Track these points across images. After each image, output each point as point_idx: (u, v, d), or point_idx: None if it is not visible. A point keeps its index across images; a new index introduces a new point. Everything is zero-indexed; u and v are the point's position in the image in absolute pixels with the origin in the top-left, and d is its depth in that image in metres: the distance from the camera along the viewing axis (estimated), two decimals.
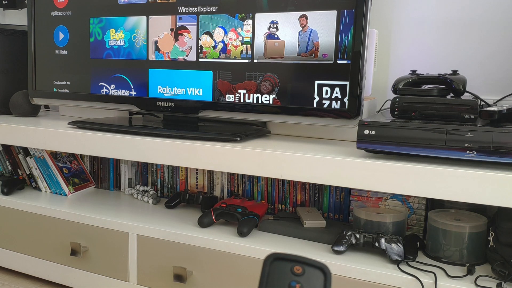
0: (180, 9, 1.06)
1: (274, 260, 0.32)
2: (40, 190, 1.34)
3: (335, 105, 0.93)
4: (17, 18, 1.68)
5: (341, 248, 0.89)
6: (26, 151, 1.34)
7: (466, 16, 1.06)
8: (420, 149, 0.79)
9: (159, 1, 1.08)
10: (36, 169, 1.32)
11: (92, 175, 1.42)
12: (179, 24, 1.07)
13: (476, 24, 1.05)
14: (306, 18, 0.94)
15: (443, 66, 1.07)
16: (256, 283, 0.94)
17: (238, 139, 0.96)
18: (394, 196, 1.03)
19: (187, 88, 1.08)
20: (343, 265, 0.86)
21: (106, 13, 1.16)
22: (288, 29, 0.96)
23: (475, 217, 0.92)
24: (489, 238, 0.88)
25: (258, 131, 1.07)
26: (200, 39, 1.05)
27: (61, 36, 1.24)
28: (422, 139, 0.79)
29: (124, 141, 1.03)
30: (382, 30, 1.12)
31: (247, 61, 1.00)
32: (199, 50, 1.05)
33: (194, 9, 1.05)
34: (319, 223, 1.02)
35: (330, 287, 0.32)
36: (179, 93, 1.09)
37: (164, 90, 1.11)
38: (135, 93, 1.15)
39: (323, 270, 0.32)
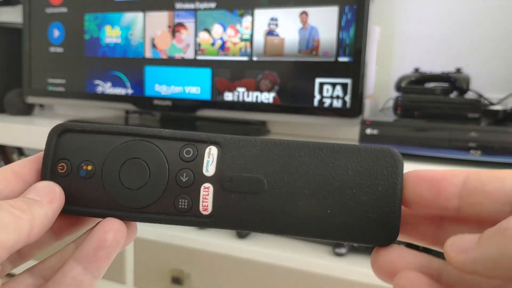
0: (178, 5, 1.04)
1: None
2: None
3: (336, 103, 0.92)
4: (10, 15, 1.65)
5: (343, 250, 0.88)
6: (20, 151, 1.32)
7: (470, 12, 1.05)
8: (423, 149, 0.77)
9: None
10: None
11: None
12: (176, 20, 1.05)
13: (481, 21, 1.04)
14: (307, 15, 0.92)
15: (447, 63, 1.06)
16: (257, 285, 0.92)
17: None
18: None
19: (185, 87, 1.06)
20: (344, 267, 0.85)
21: (101, 10, 1.14)
22: (288, 26, 0.94)
23: None
24: None
25: (257, 131, 1.05)
26: (198, 36, 1.03)
27: (56, 33, 1.21)
28: (425, 139, 0.77)
29: None
30: (384, 27, 1.10)
31: (246, 58, 0.98)
32: (197, 48, 1.03)
33: (192, 5, 1.03)
34: None
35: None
36: (177, 92, 1.07)
37: (161, 88, 1.09)
38: (132, 91, 1.12)
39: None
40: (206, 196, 0.24)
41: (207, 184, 0.24)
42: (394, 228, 0.22)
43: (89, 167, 0.25)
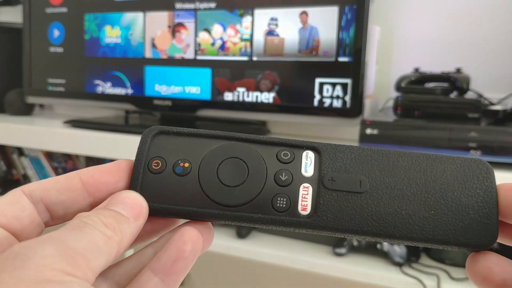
0: (178, 5, 1.04)
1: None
2: None
3: (336, 103, 0.92)
4: (10, 15, 1.65)
5: (342, 250, 0.88)
6: (20, 151, 1.32)
7: (470, 12, 1.04)
8: (423, 149, 0.77)
9: None
10: (31, 169, 1.30)
11: None
12: (176, 20, 1.05)
13: (481, 21, 1.04)
14: (307, 15, 0.92)
15: (447, 63, 1.06)
16: (257, 285, 0.92)
17: None
18: None
19: (185, 87, 1.06)
20: (344, 267, 0.84)
21: (101, 10, 1.14)
22: (288, 26, 0.94)
23: None
24: None
25: (257, 131, 1.05)
26: (198, 36, 1.03)
27: (56, 33, 1.21)
28: (425, 139, 0.77)
29: (120, 140, 1.01)
30: (384, 27, 1.10)
31: (246, 58, 0.98)
32: (197, 48, 1.03)
33: (192, 5, 1.02)
34: None
35: None
36: (177, 92, 1.07)
37: (161, 88, 1.09)
38: (132, 91, 1.12)
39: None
40: (306, 196, 0.24)
41: (306, 184, 0.24)
42: (494, 227, 0.23)
43: (186, 164, 0.25)
